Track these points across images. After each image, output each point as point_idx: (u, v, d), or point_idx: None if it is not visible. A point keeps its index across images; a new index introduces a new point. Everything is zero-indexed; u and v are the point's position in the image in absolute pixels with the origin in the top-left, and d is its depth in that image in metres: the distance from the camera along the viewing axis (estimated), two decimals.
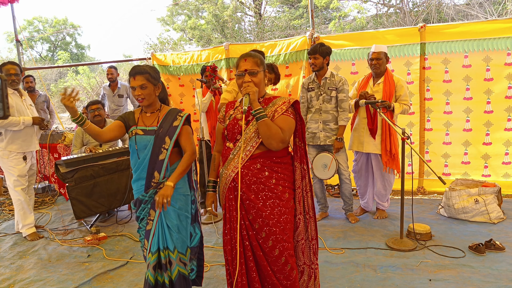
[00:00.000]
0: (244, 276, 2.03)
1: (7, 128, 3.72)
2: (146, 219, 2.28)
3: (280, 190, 2.04)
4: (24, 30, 22.16)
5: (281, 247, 2.01)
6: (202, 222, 4.18)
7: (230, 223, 2.09)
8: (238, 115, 2.11)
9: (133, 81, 2.22)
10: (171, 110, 2.34)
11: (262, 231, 2.02)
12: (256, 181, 2.02)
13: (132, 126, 2.33)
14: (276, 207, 2.02)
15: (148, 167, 2.23)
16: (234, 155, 2.06)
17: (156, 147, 2.23)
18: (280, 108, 2.05)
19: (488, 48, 4.32)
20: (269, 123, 1.97)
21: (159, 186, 2.23)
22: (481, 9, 10.99)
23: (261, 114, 1.97)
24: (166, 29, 18.31)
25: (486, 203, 3.74)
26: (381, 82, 3.77)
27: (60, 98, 2.08)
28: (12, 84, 3.78)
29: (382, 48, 3.73)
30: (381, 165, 3.83)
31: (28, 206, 3.93)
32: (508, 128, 4.41)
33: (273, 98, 2.12)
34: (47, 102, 5.91)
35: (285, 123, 2.03)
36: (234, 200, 2.06)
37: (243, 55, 2.10)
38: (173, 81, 5.72)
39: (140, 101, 2.25)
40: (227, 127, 2.12)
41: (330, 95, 3.82)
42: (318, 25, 14.80)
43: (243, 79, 2.05)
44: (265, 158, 2.04)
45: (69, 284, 2.96)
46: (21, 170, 3.86)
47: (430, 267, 2.91)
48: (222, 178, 2.12)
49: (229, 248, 2.10)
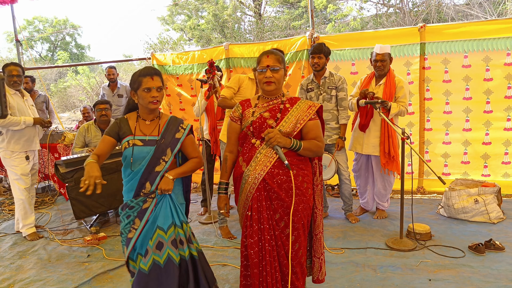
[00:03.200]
0: (278, 274, 2.07)
1: (8, 127, 3.73)
2: (129, 226, 2.14)
3: (305, 187, 2.10)
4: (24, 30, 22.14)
5: (300, 242, 2.10)
6: (202, 222, 4.18)
7: (259, 224, 2.08)
8: (264, 113, 2.12)
9: (151, 81, 2.06)
10: (172, 119, 2.21)
11: (287, 228, 2.07)
12: (287, 180, 2.05)
13: (128, 135, 2.13)
14: (301, 203, 2.08)
15: (141, 177, 2.10)
16: (262, 154, 2.06)
17: (155, 158, 2.10)
18: (308, 112, 2.10)
19: (488, 48, 4.32)
20: (308, 146, 2.07)
21: (149, 196, 2.12)
22: (481, 9, 10.99)
23: (297, 146, 2.05)
24: (166, 28, 18.31)
25: (486, 203, 3.74)
26: (383, 84, 3.75)
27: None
28: (13, 85, 3.80)
29: (386, 49, 3.67)
30: (380, 166, 3.84)
31: (30, 206, 3.94)
32: (507, 128, 4.41)
33: (295, 99, 2.17)
34: (46, 102, 5.90)
35: (317, 129, 2.12)
36: (264, 200, 2.06)
37: (266, 52, 2.14)
38: (171, 80, 5.72)
39: (155, 103, 2.09)
40: (253, 125, 2.10)
41: (330, 94, 3.82)
42: (318, 25, 14.81)
43: (264, 75, 2.09)
44: (291, 156, 2.07)
45: (69, 284, 2.96)
46: (24, 169, 3.89)
47: (430, 267, 2.91)
48: (248, 178, 2.08)
49: (256, 250, 2.06)
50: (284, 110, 2.11)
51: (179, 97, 5.71)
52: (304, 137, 2.12)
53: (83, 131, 4.34)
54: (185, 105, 5.67)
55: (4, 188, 5.96)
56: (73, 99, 17.84)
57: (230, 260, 3.19)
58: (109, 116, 4.34)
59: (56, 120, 6.95)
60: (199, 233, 3.85)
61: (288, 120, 2.08)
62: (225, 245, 3.53)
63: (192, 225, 4.14)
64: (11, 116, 3.66)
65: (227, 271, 3.01)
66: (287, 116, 2.09)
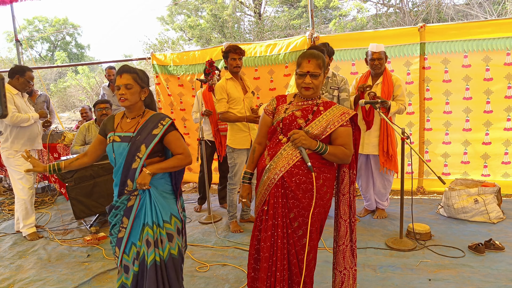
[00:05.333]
0: (286, 272, 2.09)
1: (19, 124, 3.81)
2: (118, 226, 2.16)
3: (324, 191, 2.10)
4: (24, 29, 22.14)
5: (312, 245, 2.11)
6: (202, 221, 4.18)
7: (273, 220, 2.10)
8: (296, 112, 2.12)
9: (119, 79, 2.08)
10: (154, 116, 2.16)
11: (300, 229, 2.08)
12: (306, 181, 2.05)
13: (110, 132, 2.18)
14: (317, 207, 2.08)
15: (121, 175, 2.11)
16: (286, 151, 2.07)
17: (130, 155, 2.08)
18: (340, 118, 2.08)
19: (488, 48, 4.32)
20: (333, 152, 2.05)
21: (133, 194, 2.12)
22: (480, 9, 10.99)
23: (322, 149, 2.04)
24: (165, 28, 18.30)
25: (486, 203, 3.74)
26: (380, 83, 3.76)
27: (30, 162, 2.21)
28: (25, 89, 3.95)
29: (381, 47, 3.71)
30: (379, 165, 3.84)
31: (31, 206, 3.96)
32: (507, 127, 4.41)
33: (331, 103, 2.15)
34: (47, 102, 5.90)
35: (347, 137, 2.08)
36: (281, 197, 2.08)
37: (307, 55, 2.08)
38: (172, 81, 5.72)
39: (122, 100, 2.08)
40: (283, 121, 2.11)
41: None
42: (318, 25, 14.80)
43: (303, 80, 2.07)
44: (314, 159, 2.07)
45: (68, 284, 2.96)
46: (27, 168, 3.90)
47: (430, 267, 2.91)
48: (269, 172, 2.10)
49: (268, 245, 2.10)
50: (316, 112, 2.11)
51: (180, 97, 5.71)
52: (333, 142, 2.11)
53: (84, 130, 4.36)
54: (186, 106, 5.67)
55: (4, 188, 5.96)
56: (73, 99, 17.85)
57: (230, 260, 3.19)
58: (109, 115, 4.34)
59: (56, 120, 6.95)
60: (199, 233, 3.85)
61: (319, 123, 2.08)
62: (225, 245, 3.53)
63: (192, 225, 4.13)
64: (20, 114, 3.78)
65: (227, 271, 3.01)
66: (318, 119, 2.09)
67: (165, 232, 2.13)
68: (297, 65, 2.11)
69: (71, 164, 2.27)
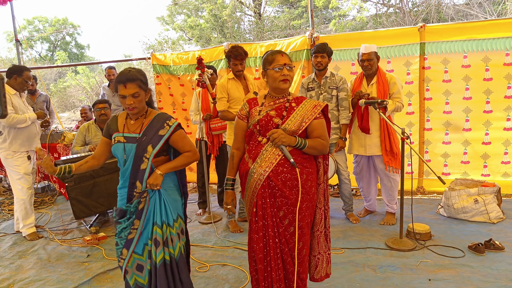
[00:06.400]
0: (281, 270, 2.11)
1: (16, 126, 3.80)
2: (129, 229, 2.14)
3: (309, 186, 2.13)
4: (24, 29, 22.14)
5: (304, 240, 2.13)
6: (202, 221, 4.18)
7: (263, 220, 2.12)
8: (270, 112, 2.15)
9: (124, 89, 2.04)
10: (158, 116, 2.17)
11: (291, 226, 2.10)
12: (291, 178, 2.07)
13: (115, 132, 2.18)
14: (305, 201, 2.11)
15: (130, 177, 2.11)
16: (268, 151, 2.09)
17: (138, 156, 2.09)
18: (313, 111, 2.12)
19: (487, 48, 4.32)
20: (312, 145, 2.09)
21: (143, 196, 2.11)
22: (480, 9, 11.00)
23: (302, 144, 2.08)
24: (165, 28, 18.30)
25: (486, 202, 3.74)
26: (375, 83, 3.74)
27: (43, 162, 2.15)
28: (23, 89, 3.96)
29: (371, 48, 3.68)
30: (384, 165, 3.80)
31: (30, 206, 3.96)
32: (507, 127, 4.41)
33: (301, 98, 2.19)
34: (47, 102, 5.90)
35: (322, 128, 2.14)
36: (268, 197, 2.09)
37: (277, 51, 2.17)
38: (173, 81, 5.72)
39: (131, 110, 2.09)
40: (260, 123, 2.14)
41: (331, 94, 3.83)
42: (318, 25, 14.81)
43: (281, 72, 2.10)
44: (296, 155, 2.10)
45: (68, 284, 2.96)
46: (26, 169, 3.93)
47: (430, 267, 2.91)
48: (254, 175, 2.11)
49: (261, 246, 2.12)
50: (290, 109, 2.14)
51: (182, 97, 5.71)
52: (309, 135, 2.15)
53: (84, 130, 4.37)
54: (188, 105, 5.66)
55: (4, 188, 5.96)
56: (73, 99, 17.84)
57: (230, 260, 3.19)
58: (108, 115, 4.36)
59: (56, 120, 6.95)
60: (199, 233, 3.85)
61: (294, 119, 2.11)
62: (225, 245, 3.53)
63: (192, 225, 4.14)
64: (17, 115, 3.76)
65: (227, 271, 3.01)
66: (293, 115, 2.12)
67: (175, 231, 2.15)
68: (269, 62, 2.13)
69: (80, 167, 2.25)
